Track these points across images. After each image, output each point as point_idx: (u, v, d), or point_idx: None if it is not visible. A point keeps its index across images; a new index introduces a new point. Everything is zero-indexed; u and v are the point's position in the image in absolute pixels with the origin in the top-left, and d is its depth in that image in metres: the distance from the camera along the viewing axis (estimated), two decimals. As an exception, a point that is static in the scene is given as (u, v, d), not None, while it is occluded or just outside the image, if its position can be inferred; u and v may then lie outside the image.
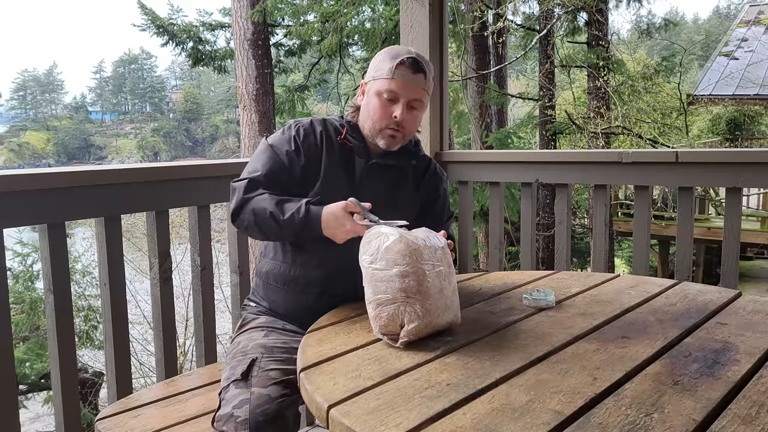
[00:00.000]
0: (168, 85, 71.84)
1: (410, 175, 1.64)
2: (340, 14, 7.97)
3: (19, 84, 66.47)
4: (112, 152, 58.87)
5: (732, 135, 11.91)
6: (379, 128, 1.53)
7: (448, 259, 1.25)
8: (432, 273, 1.19)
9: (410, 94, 1.50)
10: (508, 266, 8.14)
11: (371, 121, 1.53)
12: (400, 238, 1.19)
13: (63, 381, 1.70)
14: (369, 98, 1.54)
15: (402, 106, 1.50)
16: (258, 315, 1.62)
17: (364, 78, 1.59)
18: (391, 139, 1.53)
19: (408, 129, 1.54)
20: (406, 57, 1.49)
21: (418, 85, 1.51)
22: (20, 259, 6.99)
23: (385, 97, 1.50)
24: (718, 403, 0.93)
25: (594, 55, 9.06)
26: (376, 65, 1.53)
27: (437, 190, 1.69)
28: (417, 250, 1.18)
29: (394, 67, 1.48)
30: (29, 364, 6.53)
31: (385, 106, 1.51)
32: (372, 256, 1.20)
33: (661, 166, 2.17)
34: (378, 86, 1.51)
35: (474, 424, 0.87)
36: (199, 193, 2.04)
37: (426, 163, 1.69)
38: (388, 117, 1.51)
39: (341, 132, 1.57)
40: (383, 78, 1.50)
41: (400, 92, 1.50)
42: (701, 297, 1.49)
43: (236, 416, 1.26)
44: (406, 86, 1.49)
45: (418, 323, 1.17)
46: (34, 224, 1.67)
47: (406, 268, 1.17)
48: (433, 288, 1.18)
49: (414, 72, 1.50)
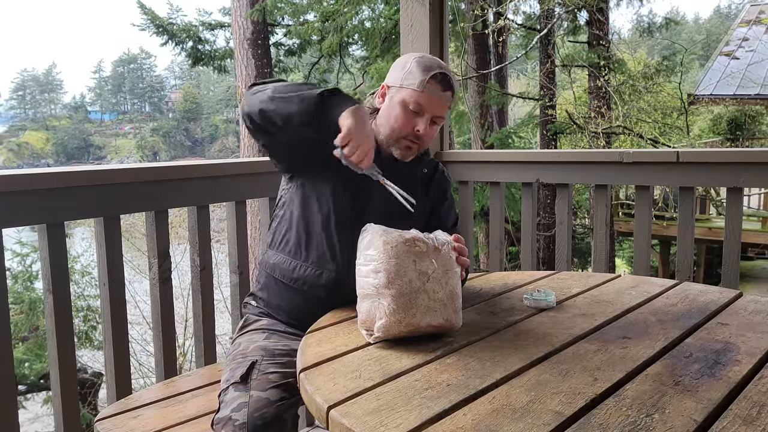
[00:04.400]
0: (167, 85, 71.84)
1: (419, 183, 1.62)
2: (339, 14, 7.97)
3: (18, 84, 66.48)
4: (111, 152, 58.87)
5: (733, 135, 11.91)
6: (398, 137, 1.50)
7: (445, 262, 1.21)
8: (411, 272, 1.17)
9: (436, 110, 1.49)
10: (509, 266, 8.14)
11: (391, 128, 1.50)
12: (379, 237, 1.19)
13: (62, 381, 1.70)
14: (392, 105, 1.51)
15: (426, 121, 1.48)
16: (260, 317, 1.60)
17: (388, 81, 1.54)
18: (407, 150, 1.51)
19: (425, 143, 1.53)
20: (439, 72, 1.47)
21: (446, 102, 1.50)
22: (19, 259, 7.00)
23: (411, 108, 1.47)
24: (719, 403, 0.93)
25: (595, 54, 9.06)
26: (406, 72, 1.49)
27: (445, 193, 1.67)
28: (394, 248, 1.17)
29: (426, 81, 1.46)
30: (28, 365, 6.53)
31: (409, 118, 1.48)
32: (360, 252, 1.23)
33: (662, 166, 2.17)
34: (405, 96, 1.48)
35: (474, 425, 0.87)
36: (199, 193, 2.03)
37: (434, 166, 1.67)
38: (410, 129, 1.48)
39: None
40: (412, 89, 1.47)
41: (427, 107, 1.47)
42: (702, 297, 1.48)
43: (234, 419, 1.26)
44: (434, 102, 1.47)
45: (386, 320, 1.16)
46: (34, 224, 1.66)
47: (379, 264, 1.17)
48: (409, 287, 1.17)
49: (444, 89, 1.48)
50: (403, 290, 1.16)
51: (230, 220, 2.17)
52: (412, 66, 1.49)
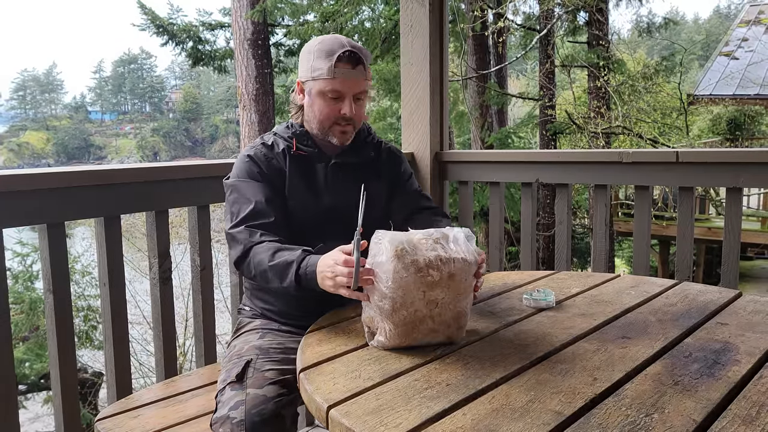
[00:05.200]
0: (168, 85, 71.87)
1: (369, 167, 1.63)
2: (339, 14, 7.97)
3: (18, 84, 66.51)
4: (111, 152, 58.89)
5: (732, 135, 11.90)
6: (329, 126, 1.52)
7: (457, 286, 1.14)
8: (419, 302, 1.12)
9: (354, 88, 1.48)
10: (508, 266, 8.14)
11: (318, 121, 1.52)
12: (391, 261, 1.10)
13: (63, 381, 1.70)
14: (312, 99, 1.51)
15: (349, 102, 1.48)
16: (253, 318, 1.62)
17: (300, 77, 1.53)
18: (342, 135, 1.53)
19: (358, 121, 1.54)
20: (342, 52, 1.45)
21: (360, 77, 1.48)
22: (20, 259, 7.00)
23: (330, 96, 1.48)
24: (719, 403, 0.93)
25: (594, 54, 9.06)
26: (312, 63, 1.48)
27: (398, 169, 1.68)
28: (404, 279, 1.10)
29: (333, 66, 1.45)
30: (29, 364, 6.53)
31: (331, 105, 1.49)
32: (371, 257, 1.17)
33: (662, 166, 2.17)
34: (320, 86, 1.48)
35: (474, 425, 0.87)
36: (199, 193, 2.03)
37: (378, 148, 1.68)
38: (336, 114, 1.49)
39: (291, 144, 1.56)
40: (324, 78, 1.47)
41: (344, 89, 1.47)
42: (701, 297, 1.49)
43: (232, 418, 1.25)
44: (348, 83, 1.47)
45: (385, 341, 1.16)
46: (34, 224, 1.66)
47: (386, 291, 1.11)
48: (414, 316, 1.13)
49: (354, 66, 1.47)
50: (407, 320, 1.14)
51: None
52: (316, 54, 1.48)
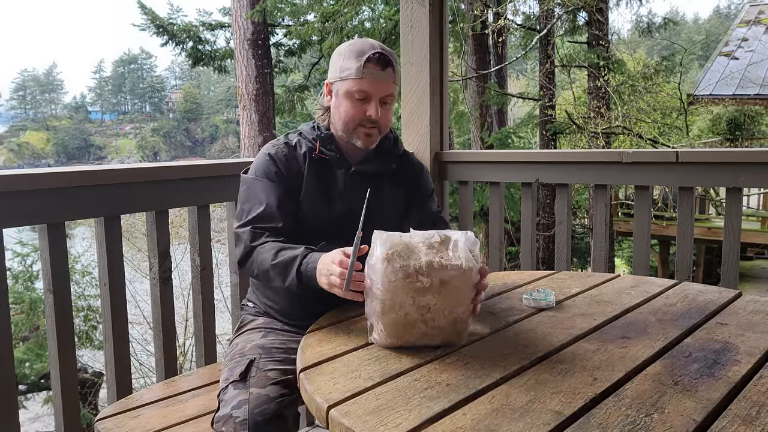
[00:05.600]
0: (168, 85, 71.86)
1: (389, 178, 1.63)
2: (340, 14, 7.97)
3: (18, 84, 66.51)
4: (111, 152, 58.89)
5: (732, 135, 11.91)
6: (354, 128, 1.51)
7: (452, 293, 1.13)
8: (409, 306, 1.12)
9: (382, 90, 1.48)
10: (508, 266, 8.14)
11: (344, 122, 1.51)
12: (381, 263, 1.11)
13: (63, 381, 1.70)
14: (339, 100, 1.51)
15: (375, 105, 1.48)
16: (256, 316, 1.62)
17: (329, 78, 1.54)
18: (367, 137, 1.52)
19: (384, 125, 1.53)
20: (372, 53, 1.45)
21: (389, 79, 1.48)
22: (20, 259, 7.00)
23: (357, 97, 1.48)
24: (719, 403, 0.93)
25: (594, 54, 9.06)
26: (342, 64, 1.49)
27: (417, 181, 1.67)
28: (392, 283, 1.10)
29: (362, 66, 1.45)
30: (29, 364, 6.53)
31: (358, 106, 1.49)
32: (368, 257, 1.17)
33: (662, 166, 2.17)
34: (347, 87, 1.48)
35: (474, 425, 0.87)
36: (199, 193, 2.04)
37: (403, 161, 1.67)
38: (362, 115, 1.49)
39: (315, 147, 1.55)
40: (352, 78, 1.47)
41: (372, 91, 1.47)
42: (701, 297, 1.49)
43: (235, 417, 1.26)
44: (376, 84, 1.47)
45: (379, 339, 1.17)
46: (34, 224, 1.66)
47: (377, 292, 1.12)
48: (405, 319, 1.13)
49: (383, 68, 1.47)
50: (397, 322, 1.14)
51: (230, 220, 2.18)
52: (346, 56, 1.49)
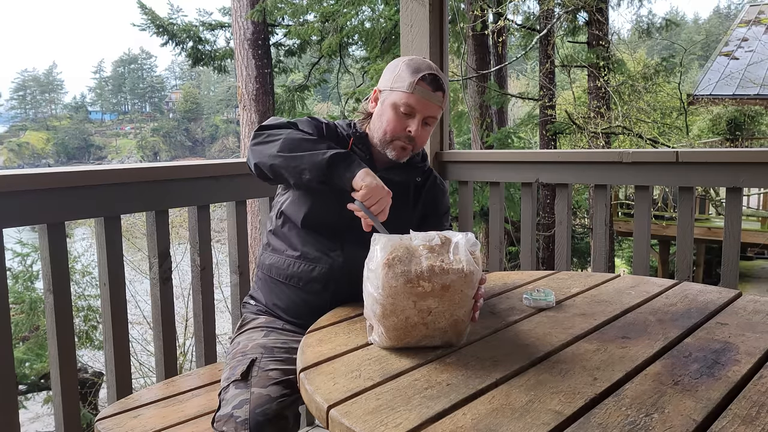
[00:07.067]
0: (168, 85, 71.91)
1: (412, 190, 1.63)
2: (339, 14, 7.97)
3: (18, 84, 66.55)
4: (111, 152, 58.93)
5: (732, 135, 11.91)
6: (391, 139, 1.52)
7: (453, 296, 1.12)
8: (410, 310, 1.11)
9: (427, 111, 1.50)
10: (508, 266, 8.15)
11: (383, 131, 1.53)
12: (382, 268, 1.11)
13: (63, 381, 1.70)
14: (384, 108, 1.53)
15: (418, 122, 1.50)
16: (258, 315, 1.62)
17: (380, 86, 1.56)
18: (401, 150, 1.53)
19: (419, 144, 1.55)
20: (428, 73, 1.48)
21: (436, 102, 1.51)
22: (20, 259, 6.99)
23: (402, 110, 1.49)
24: (719, 403, 0.93)
25: (594, 54, 9.06)
26: (396, 76, 1.51)
27: (436, 201, 1.68)
28: (393, 288, 1.10)
29: (415, 83, 1.47)
30: (29, 364, 6.53)
31: (401, 120, 1.50)
32: (368, 260, 1.17)
33: (662, 166, 2.17)
34: (395, 98, 1.50)
35: (474, 425, 0.87)
36: (199, 193, 2.04)
37: (428, 176, 1.68)
38: (402, 130, 1.50)
39: (347, 142, 1.57)
40: (402, 91, 1.49)
41: (418, 108, 1.49)
42: (701, 297, 1.49)
43: (236, 416, 1.26)
44: (424, 103, 1.49)
45: (380, 341, 1.17)
46: (34, 224, 1.66)
47: (377, 296, 1.12)
48: (406, 323, 1.13)
49: (434, 90, 1.49)
50: (398, 325, 1.13)
51: (230, 220, 2.18)
52: (401, 69, 1.51)
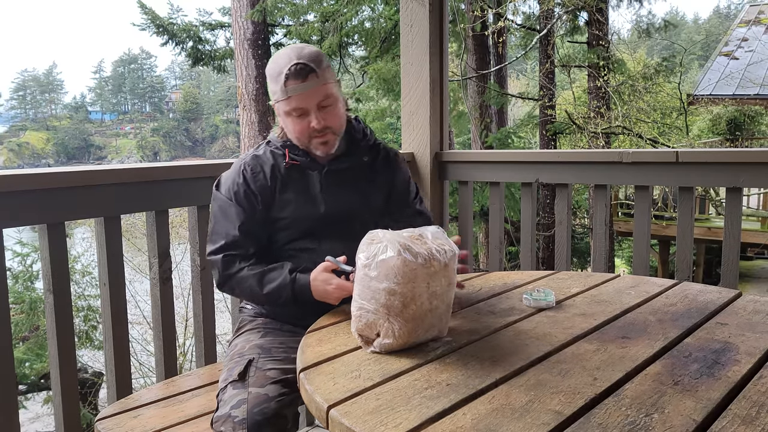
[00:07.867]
0: (168, 85, 71.92)
1: (366, 171, 1.63)
2: (339, 14, 7.97)
3: (18, 84, 66.55)
4: (111, 152, 58.93)
5: (732, 135, 11.91)
6: (307, 142, 1.52)
7: (449, 276, 1.16)
8: (424, 295, 1.12)
9: (313, 99, 1.47)
10: (508, 266, 8.15)
11: (296, 138, 1.53)
12: (398, 255, 1.11)
13: (63, 381, 1.70)
14: (283, 119, 1.53)
15: (314, 115, 1.47)
16: (255, 317, 1.62)
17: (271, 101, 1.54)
18: (324, 145, 1.52)
19: (334, 126, 1.52)
20: (288, 70, 1.44)
21: (315, 86, 1.46)
22: (20, 259, 6.98)
23: (295, 114, 1.48)
24: (719, 403, 0.93)
25: (594, 54, 9.06)
26: (271, 87, 1.50)
27: (393, 173, 1.67)
28: (413, 271, 1.10)
29: (284, 86, 1.45)
30: (29, 364, 6.52)
31: (300, 122, 1.49)
32: (368, 260, 1.15)
33: (662, 166, 2.17)
34: (282, 108, 1.49)
35: (474, 425, 0.87)
36: (199, 193, 2.03)
37: (376, 152, 1.67)
38: (309, 129, 1.49)
39: (284, 156, 1.55)
40: (282, 100, 1.47)
41: (304, 105, 1.47)
42: (701, 297, 1.49)
43: (234, 416, 1.26)
44: (304, 97, 1.46)
45: (393, 342, 1.14)
46: (34, 224, 1.66)
47: (395, 287, 1.11)
48: (420, 310, 1.13)
49: (304, 79, 1.45)
50: (416, 314, 1.13)
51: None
52: (271, 77, 1.50)
